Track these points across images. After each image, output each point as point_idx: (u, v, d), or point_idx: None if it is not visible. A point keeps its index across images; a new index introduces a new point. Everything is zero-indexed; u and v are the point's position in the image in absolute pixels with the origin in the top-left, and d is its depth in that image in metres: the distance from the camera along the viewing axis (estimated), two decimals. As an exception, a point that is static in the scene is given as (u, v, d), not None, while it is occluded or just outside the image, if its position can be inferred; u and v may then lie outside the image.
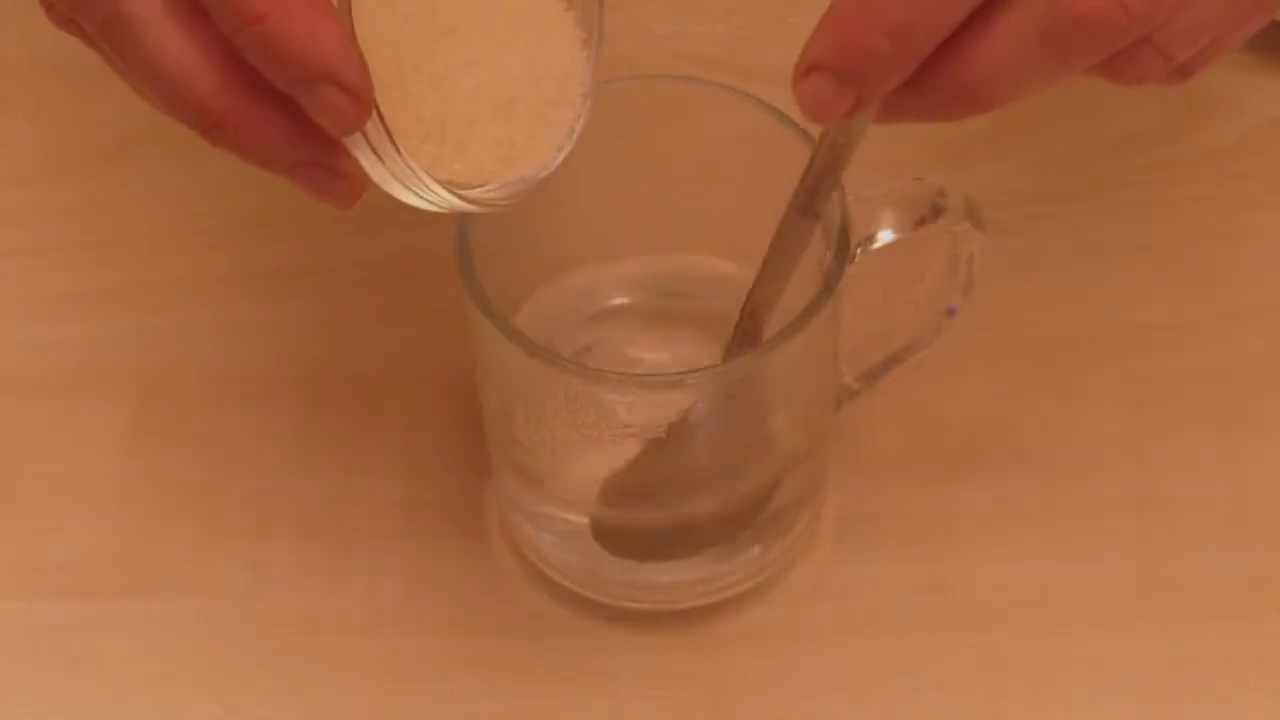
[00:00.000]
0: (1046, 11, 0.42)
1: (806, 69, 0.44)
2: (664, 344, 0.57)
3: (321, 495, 0.59)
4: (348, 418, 0.61)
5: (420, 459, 0.60)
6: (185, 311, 0.63)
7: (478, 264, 0.50)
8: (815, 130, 0.48)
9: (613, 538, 0.55)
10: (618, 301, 0.57)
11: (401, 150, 0.43)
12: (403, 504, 0.59)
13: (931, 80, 0.43)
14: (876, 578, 0.57)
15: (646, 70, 0.65)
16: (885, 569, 0.58)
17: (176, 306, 0.63)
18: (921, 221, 0.51)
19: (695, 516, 0.55)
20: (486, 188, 0.46)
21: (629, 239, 0.56)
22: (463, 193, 0.45)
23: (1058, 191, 0.64)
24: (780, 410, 0.53)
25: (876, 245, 0.51)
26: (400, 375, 0.61)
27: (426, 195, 0.44)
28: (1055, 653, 0.56)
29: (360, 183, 0.45)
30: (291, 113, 0.44)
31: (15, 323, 0.63)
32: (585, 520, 0.55)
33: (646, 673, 0.56)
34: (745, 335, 0.51)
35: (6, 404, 0.61)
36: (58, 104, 0.67)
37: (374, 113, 0.43)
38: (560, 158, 0.48)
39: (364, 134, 0.43)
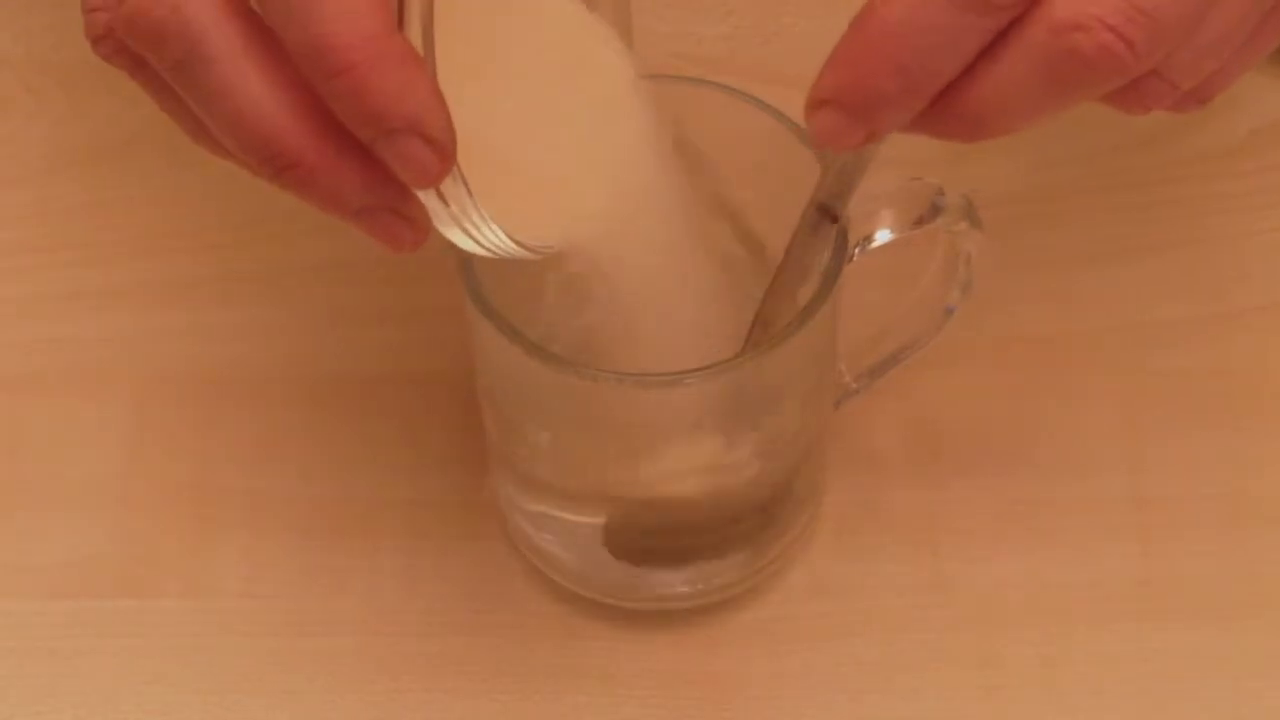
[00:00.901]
0: (1049, 50, 0.41)
1: (818, 103, 0.43)
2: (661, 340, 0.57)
3: (320, 495, 0.59)
4: (347, 418, 0.61)
5: (420, 459, 0.60)
6: (184, 312, 0.63)
7: (477, 264, 0.50)
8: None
9: (619, 541, 0.55)
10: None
11: (475, 198, 0.42)
12: (402, 504, 0.59)
13: (939, 111, 0.43)
14: (875, 577, 0.57)
15: (646, 70, 0.65)
16: (884, 569, 0.57)
17: (175, 307, 0.63)
18: (920, 221, 0.51)
19: (694, 517, 0.55)
20: (534, 232, 0.46)
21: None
22: (517, 238, 0.44)
23: (1057, 191, 0.64)
24: (779, 409, 0.53)
25: (875, 244, 0.51)
26: (400, 375, 0.61)
27: (485, 240, 0.43)
28: (1055, 653, 0.56)
29: (424, 228, 0.43)
30: (366, 158, 0.42)
31: (15, 323, 0.63)
32: (584, 520, 0.55)
33: (646, 673, 0.56)
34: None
35: (6, 404, 0.61)
36: (58, 104, 0.67)
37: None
38: (603, 202, 0.47)
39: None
